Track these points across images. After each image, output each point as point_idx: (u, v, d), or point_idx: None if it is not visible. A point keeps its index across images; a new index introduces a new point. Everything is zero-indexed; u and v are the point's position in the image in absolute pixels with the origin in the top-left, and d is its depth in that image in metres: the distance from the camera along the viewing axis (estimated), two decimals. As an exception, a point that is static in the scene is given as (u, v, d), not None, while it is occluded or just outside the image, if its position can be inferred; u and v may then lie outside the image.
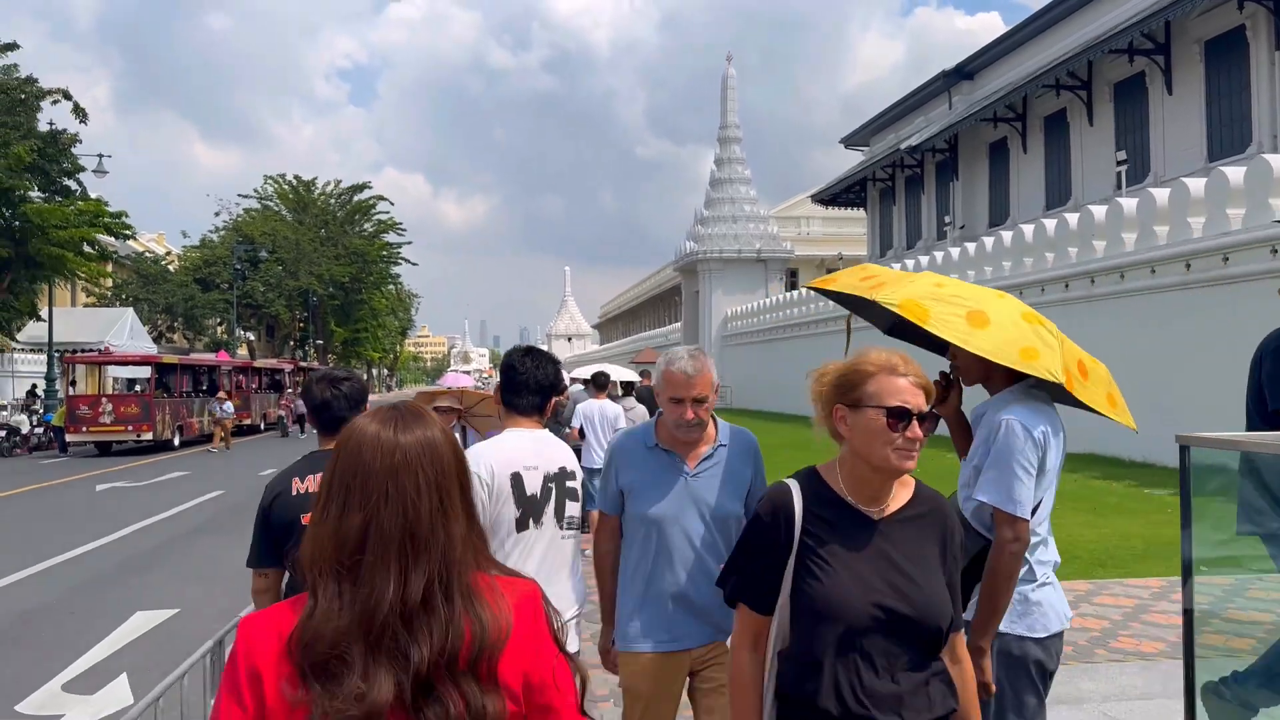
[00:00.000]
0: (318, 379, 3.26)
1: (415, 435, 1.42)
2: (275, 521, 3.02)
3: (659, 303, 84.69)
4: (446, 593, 1.36)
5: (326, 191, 74.06)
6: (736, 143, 48.19)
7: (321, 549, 1.36)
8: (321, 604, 1.33)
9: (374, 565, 1.33)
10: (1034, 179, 31.03)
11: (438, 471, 1.40)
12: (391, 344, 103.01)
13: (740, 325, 43.90)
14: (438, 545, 1.36)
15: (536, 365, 3.24)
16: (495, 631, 1.36)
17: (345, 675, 1.28)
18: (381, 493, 1.36)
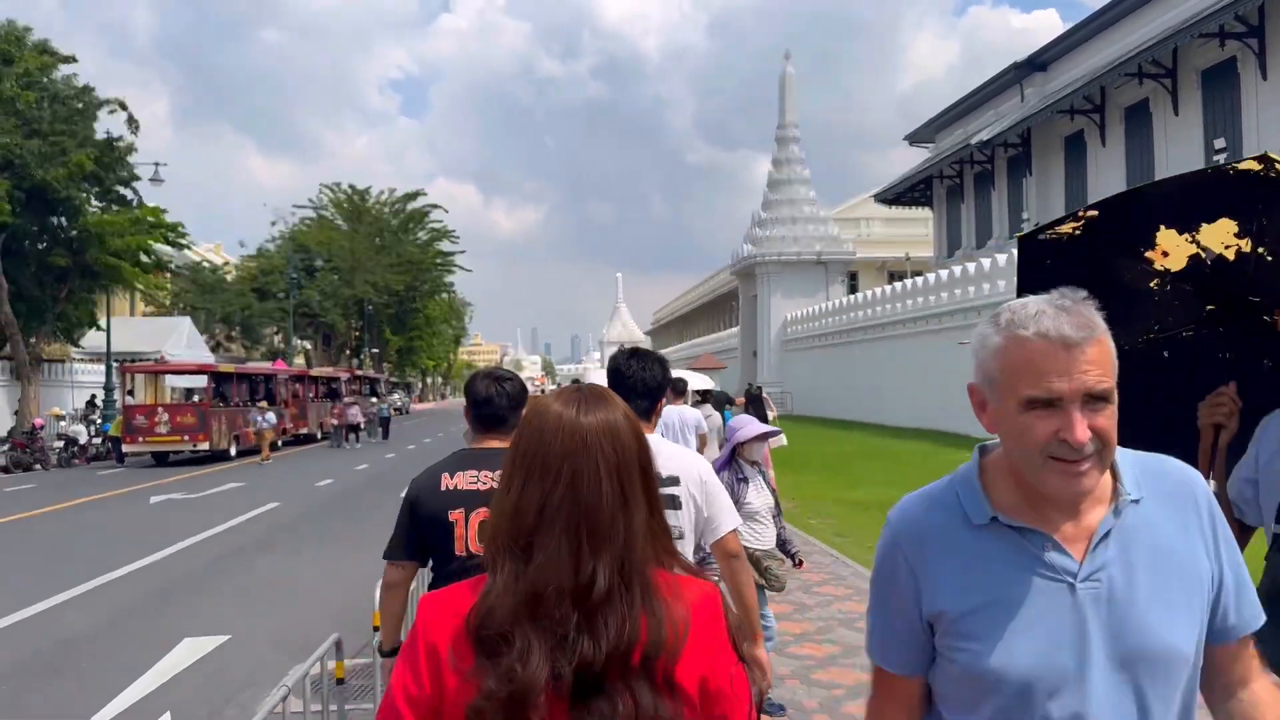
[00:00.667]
0: (482, 375, 3.23)
1: (597, 417, 1.38)
2: (420, 516, 2.99)
3: (714, 308, 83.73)
4: (625, 584, 1.30)
5: (381, 200, 74.42)
6: (795, 142, 47.10)
7: (499, 526, 1.35)
8: (498, 581, 1.31)
9: (546, 547, 1.30)
10: (1114, 173, 29.53)
11: (618, 456, 1.35)
12: (445, 352, 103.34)
13: (801, 329, 42.79)
14: (617, 533, 1.31)
15: (643, 367, 3.12)
16: (673, 631, 1.29)
17: (504, 654, 1.26)
18: (558, 473, 1.33)
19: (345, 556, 11.16)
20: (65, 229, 28.95)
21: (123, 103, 29.27)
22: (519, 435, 1.41)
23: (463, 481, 3.00)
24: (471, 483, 2.99)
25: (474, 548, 2.90)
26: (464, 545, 2.94)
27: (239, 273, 59.48)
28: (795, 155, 47.22)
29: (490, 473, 2.97)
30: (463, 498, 2.96)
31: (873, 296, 34.30)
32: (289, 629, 7.95)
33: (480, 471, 2.99)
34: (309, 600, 9.02)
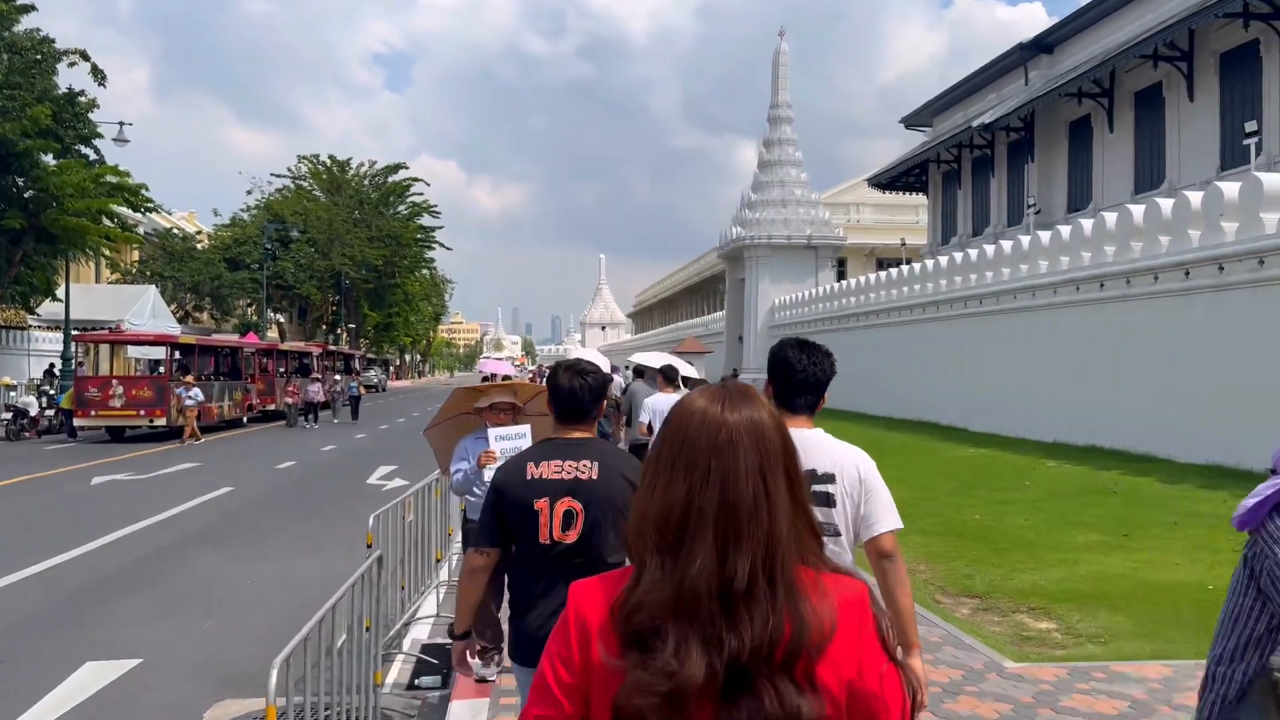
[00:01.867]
0: (565, 367, 3.22)
1: (742, 414, 1.38)
2: (505, 504, 3.05)
3: (698, 291, 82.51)
4: (769, 581, 1.31)
5: (360, 172, 72.70)
6: (787, 123, 45.79)
7: (645, 522, 1.36)
8: (645, 576, 1.33)
9: (693, 542, 1.32)
10: (1121, 160, 28.48)
11: (762, 454, 1.36)
12: (425, 329, 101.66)
13: (789, 315, 41.64)
14: (760, 530, 1.32)
15: (813, 360, 3.09)
16: (817, 630, 1.30)
17: (659, 649, 1.28)
18: (704, 470, 1.34)
19: (297, 556, 9.91)
20: (21, 189, 27.32)
21: (84, 53, 27.62)
22: (665, 432, 1.41)
23: (548, 471, 3.04)
24: (556, 472, 3.03)
25: (557, 535, 2.98)
26: (548, 533, 2.99)
27: (212, 241, 57.70)
28: (787, 136, 45.94)
29: (574, 463, 3.03)
30: (548, 487, 3.01)
31: (865, 283, 33.18)
32: (216, 651, 6.72)
33: (565, 462, 3.04)
34: (247, 612, 7.78)
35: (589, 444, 3.16)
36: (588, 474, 3.04)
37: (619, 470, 3.08)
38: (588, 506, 3.01)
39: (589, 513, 3.01)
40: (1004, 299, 22.91)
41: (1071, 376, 19.58)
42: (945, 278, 26.26)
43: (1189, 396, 15.86)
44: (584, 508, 3.01)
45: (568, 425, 3.19)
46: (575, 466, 3.04)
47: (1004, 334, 22.76)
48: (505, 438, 5.12)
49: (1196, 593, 7.47)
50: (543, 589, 3.03)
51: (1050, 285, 20.87)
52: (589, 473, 3.04)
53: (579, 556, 2.99)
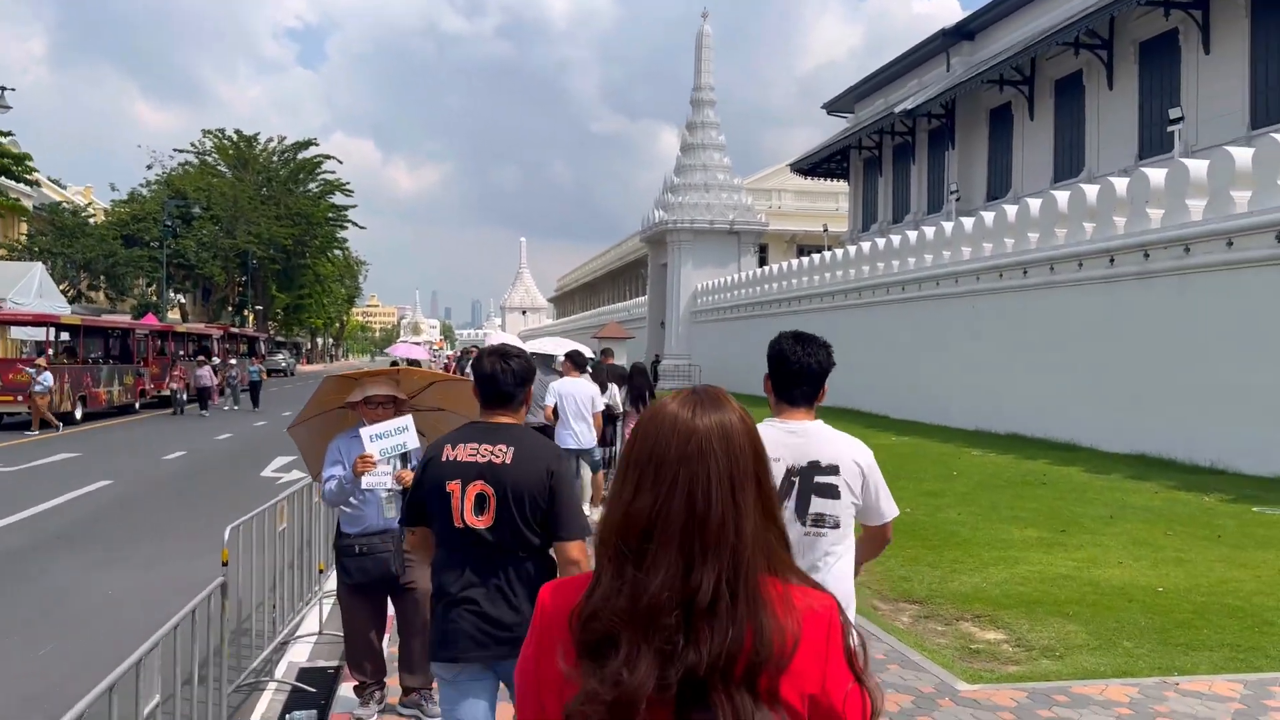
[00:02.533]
0: (489, 352, 3.19)
1: (712, 420, 1.35)
2: (426, 484, 3.02)
3: (620, 276, 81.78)
4: (733, 594, 1.27)
5: (269, 148, 69.88)
6: (710, 106, 45.21)
7: (609, 529, 1.34)
8: (603, 584, 1.31)
9: (656, 553, 1.29)
10: (1041, 148, 28.61)
11: (731, 461, 1.32)
12: (338, 312, 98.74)
13: (712, 301, 41.20)
14: (727, 541, 1.29)
15: (808, 351, 3.07)
16: (779, 644, 1.26)
17: (610, 658, 1.25)
18: (672, 478, 1.31)
19: (169, 561, 8.85)
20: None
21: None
22: (635, 437, 1.38)
23: (463, 453, 2.99)
24: (471, 455, 2.97)
25: (470, 520, 2.92)
26: (460, 517, 2.92)
27: (108, 217, 54.65)
28: (710, 119, 45.37)
29: (489, 446, 2.98)
30: (459, 469, 2.96)
31: (788, 269, 32.86)
32: (56, 683, 5.72)
33: (481, 445, 2.99)
34: (98, 631, 6.76)
35: (508, 429, 3.07)
36: (502, 458, 2.96)
37: (536, 456, 3.00)
38: (499, 491, 2.93)
39: (501, 498, 2.93)
40: (926, 285, 22.71)
41: (994, 363, 19.41)
42: (869, 263, 26.02)
43: (1113, 384, 15.74)
44: (495, 492, 2.93)
45: (491, 410, 3.14)
46: (490, 450, 2.98)
47: (926, 320, 22.56)
48: (382, 435, 4.30)
49: (1147, 596, 7.01)
50: (464, 578, 2.97)
51: (973, 271, 20.68)
52: (503, 457, 2.96)
53: (492, 543, 2.93)
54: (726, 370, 36.86)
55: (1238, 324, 13.42)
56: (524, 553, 2.99)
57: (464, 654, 2.96)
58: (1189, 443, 13.96)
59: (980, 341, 20.10)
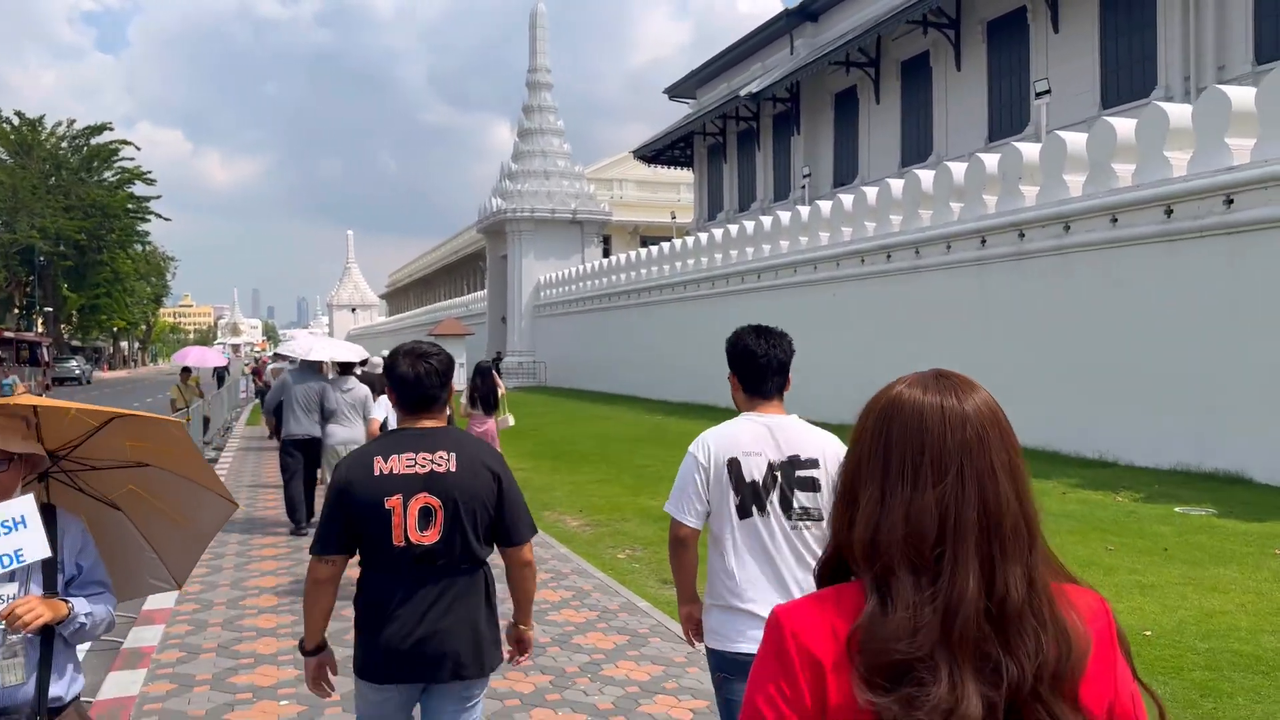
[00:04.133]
0: (403, 353, 2.94)
1: (977, 403, 1.24)
2: (352, 505, 2.74)
3: (457, 270, 78.53)
4: (1032, 597, 1.17)
5: (57, 133, 62.85)
6: (547, 89, 43.12)
7: (890, 536, 1.18)
8: (897, 600, 1.16)
9: (954, 558, 1.16)
10: (888, 132, 28.07)
11: (1009, 448, 1.22)
12: (143, 313, 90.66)
13: (556, 294, 39.19)
14: (1021, 537, 1.19)
15: (773, 344, 3.04)
16: (1081, 646, 1.18)
17: (928, 684, 1.13)
18: (956, 471, 1.19)
19: None
20: None
21: None
22: (879, 428, 1.25)
23: (399, 465, 2.76)
24: (409, 466, 2.76)
25: (414, 536, 2.72)
26: (403, 534, 2.72)
27: None
28: (548, 103, 43.29)
29: (429, 454, 2.78)
30: (399, 483, 2.74)
31: (635, 259, 31.26)
32: None
33: (418, 454, 2.77)
34: None
35: (445, 433, 2.87)
36: (445, 466, 2.76)
37: (481, 460, 2.84)
38: (447, 502, 2.74)
39: (449, 509, 2.73)
40: (784, 273, 21.52)
41: (857, 352, 18.32)
42: (721, 251, 24.69)
43: (990, 371, 14.75)
44: (443, 504, 2.73)
45: (415, 415, 2.90)
46: (431, 458, 2.77)
47: (785, 310, 21.35)
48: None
49: (1137, 644, 5.54)
50: (402, 597, 2.73)
51: (833, 257, 19.59)
52: (447, 464, 2.76)
53: (441, 558, 2.75)
54: (574, 366, 35.02)
55: (1124, 306, 12.57)
56: (466, 565, 2.82)
57: (397, 676, 2.76)
58: (1076, 434, 13.05)
59: (843, 330, 19.00)
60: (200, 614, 6.78)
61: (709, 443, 2.94)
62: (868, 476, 1.24)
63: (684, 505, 2.93)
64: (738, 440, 2.91)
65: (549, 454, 15.69)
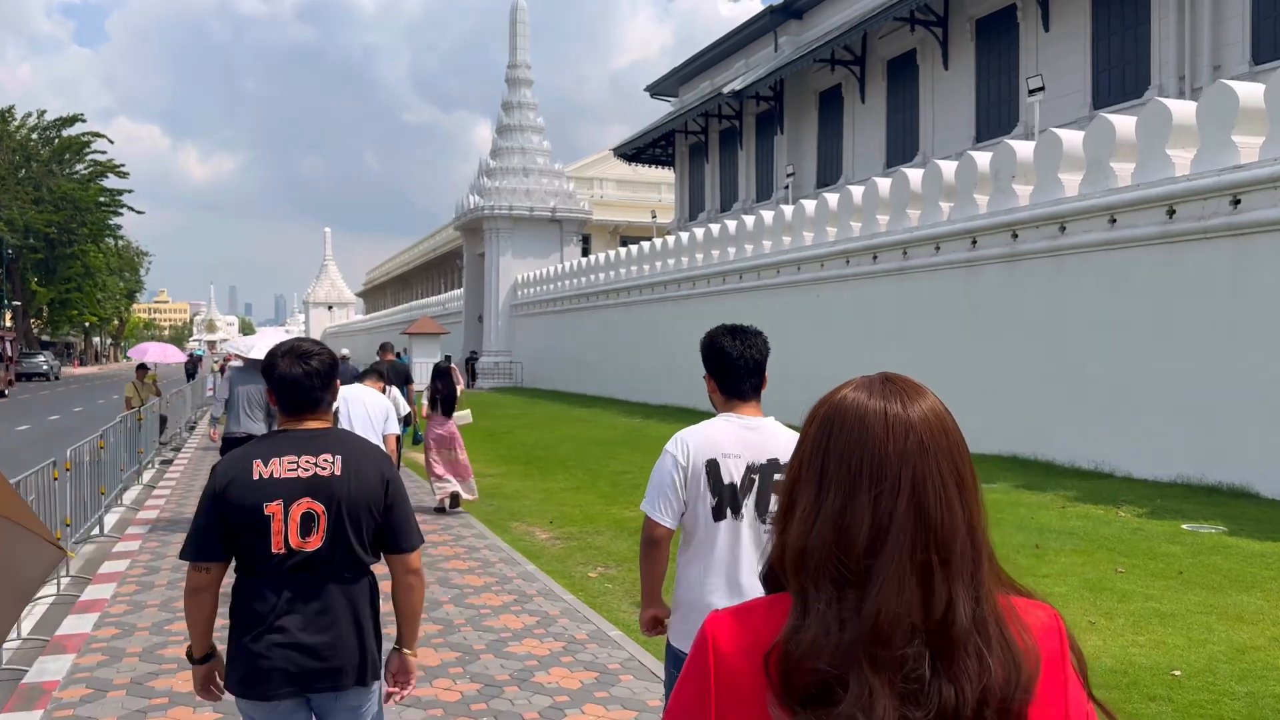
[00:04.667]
0: (282, 352, 2.78)
1: (923, 409, 1.17)
2: (230, 509, 2.61)
3: (435, 268, 77.63)
4: (977, 615, 1.11)
5: (27, 124, 61.51)
6: (528, 85, 42.40)
7: (816, 546, 1.13)
8: (816, 613, 1.11)
9: (888, 571, 1.10)
10: (873, 132, 27.56)
11: (957, 458, 1.16)
12: (115, 308, 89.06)
13: (533, 293, 38.46)
14: (966, 552, 1.12)
15: (748, 344, 3.01)
16: (1030, 667, 1.12)
17: (840, 699, 1.07)
18: (895, 481, 1.12)
19: None
20: None
21: None
22: (821, 433, 1.19)
23: (280, 468, 2.64)
24: (290, 469, 2.63)
25: (295, 543, 2.60)
26: (283, 541, 2.60)
27: None
28: (528, 100, 42.57)
29: (311, 457, 2.66)
30: (280, 487, 2.62)
31: (615, 258, 30.61)
32: None
33: (301, 457, 2.66)
34: None
35: (328, 435, 2.75)
36: (330, 469, 2.64)
37: (368, 463, 2.70)
38: (331, 507, 2.61)
39: (333, 515, 2.61)
40: (766, 273, 20.94)
41: (840, 357, 17.75)
42: (703, 251, 24.08)
43: (979, 378, 14.24)
44: (326, 509, 2.60)
45: (297, 417, 2.77)
46: (314, 461, 2.66)
47: (767, 311, 20.79)
48: None
49: (1167, 687, 4.93)
50: (282, 606, 2.59)
51: (817, 258, 19.02)
52: (331, 468, 2.64)
53: (323, 565, 2.61)
54: (551, 366, 34.32)
55: (1122, 309, 12.04)
56: (350, 572, 2.67)
57: (276, 690, 2.61)
58: (1071, 443, 12.52)
59: (825, 333, 18.44)
60: (118, 640, 6.07)
61: (688, 442, 2.87)
62: (805, 483, 1.17)
63: (660, 505, 2.85)
64: (717, 441, 2.85)
65: (521, 458, 15.00)
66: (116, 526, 10.15)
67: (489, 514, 10.48)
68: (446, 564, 8.10)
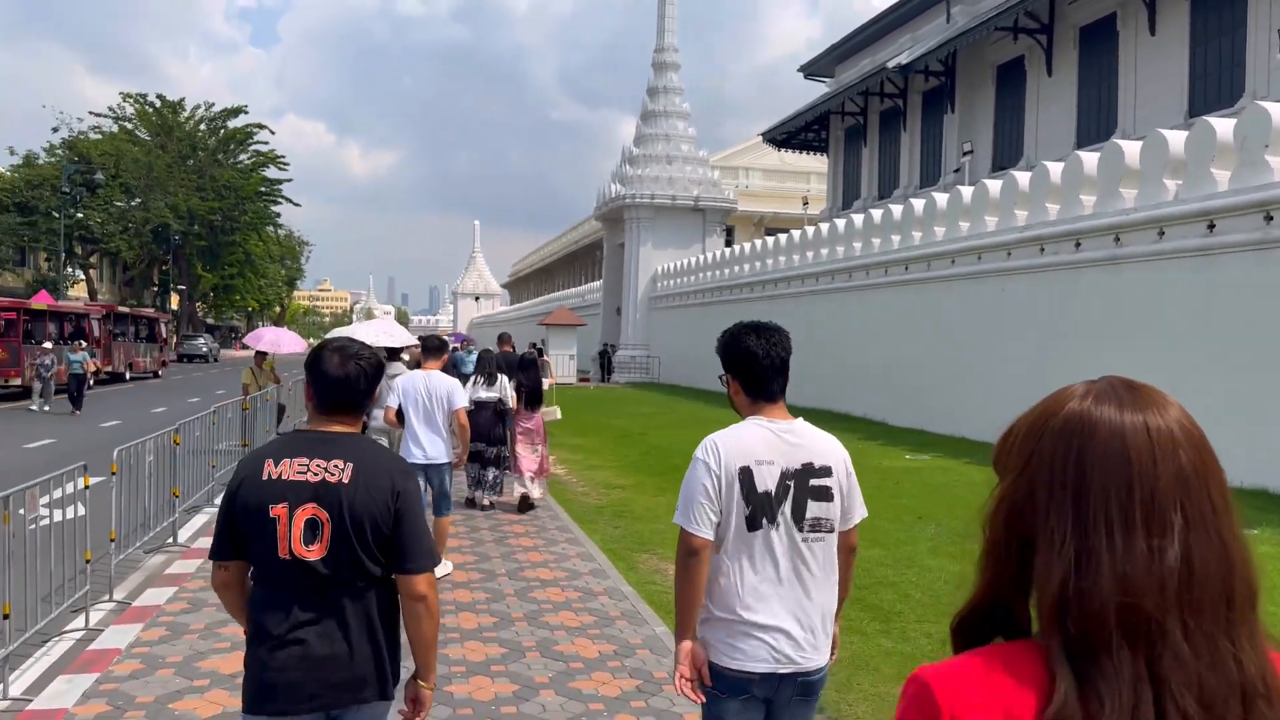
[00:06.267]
0: (331, 349, 2.68)
1: (1181, 421, 1.00)
2: (240, 508, 2.55)
3: (576, 260, 77.28)
4: (1265, 673, 0.95)
5: (196, 115, 64.19)
6: (674, 69, 40.71)
7: (1096, 599, 0.94)
8: (1108, 689, 0.92)
9: (1169, 629, 0.93)
10: (1060, 109, 24.48)
11: (1222, 480, 1.00)
12: (276, 294, 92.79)
13: (672, 285, 36.80)
14: (1247, 598, 0.97)
15: (773, 342, 2.83)
16: None
17: None
18: (1170, 513, 0.95)
19: None
20: None
21: None
22: (1064, 453, 1.00)
23: (289, 470, 2.55)
24: (300, 472, 2.54)
25: (298, 550, 2.49)
26: (287, 547, 2.49)
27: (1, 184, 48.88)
28: (674, 84, 40.88)
29: (322, 462, 2.55)
30: (287, 490, 2.52)
31: (764, 247, 28.56)
32: None
33: (312, 460, 2.55)
34: None
35: (345, 440, 2.61)
36: (338, 476, 2.52)
37: (379, 473, 2.55)
38: (335, 516, 2.48)
39: (337, 524, 2.48)
40: (938, 263, 18.47)
41: (1033, 360, 15.22)
42: (861, 239, 21.74)
43: (1224, 391, 11.53)
44: (330, 517, 2.48)
45: (329, 417, 2.66)
46: (324, 466, 2.54)
47: (939, 307, 18.37)
48: None
49: None
50: (285, 620, 2.48)
51: (1003, 245, 16.48)
52: (340, 475, 2.52)
53: (327, 575, 2.49)
54: (690, 362, 32.54)
55: None
56: (363, 583, 2.54)
57: (293, 707, 2.51)
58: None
59: (1012, 332, 15.91)
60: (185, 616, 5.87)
61: (719, 448, 2.69)
62: (1052, 515, 0.98)
63: (695, 514, 2.66)
64: (750, 447, 2.69)
65: (655, 467, 13.21)
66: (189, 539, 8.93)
67: (613, 539, 8.74)
68: (552, 615, 6.35)
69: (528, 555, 7.96)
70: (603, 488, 11.63)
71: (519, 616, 6.22)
